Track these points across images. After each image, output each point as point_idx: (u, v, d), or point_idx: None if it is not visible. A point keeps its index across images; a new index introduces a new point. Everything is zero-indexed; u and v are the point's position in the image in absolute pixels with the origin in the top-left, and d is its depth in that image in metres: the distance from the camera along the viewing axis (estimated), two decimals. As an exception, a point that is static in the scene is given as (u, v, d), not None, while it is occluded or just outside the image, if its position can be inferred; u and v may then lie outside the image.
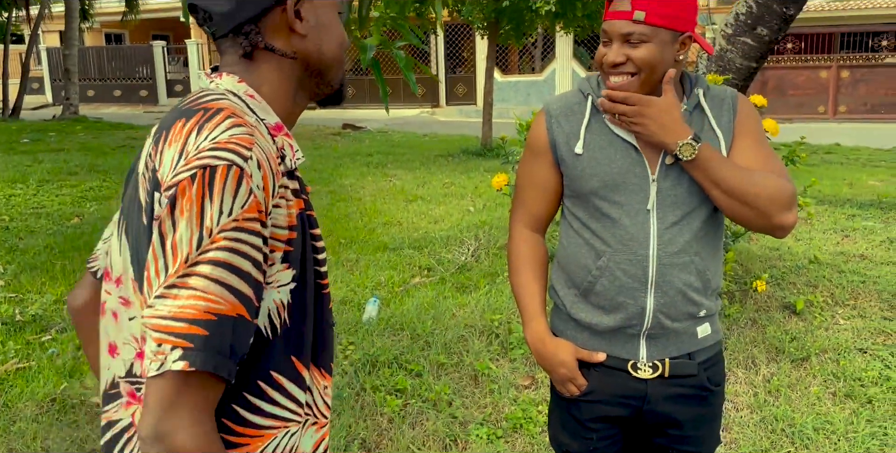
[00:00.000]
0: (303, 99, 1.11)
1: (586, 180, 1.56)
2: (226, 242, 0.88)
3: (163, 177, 0.92)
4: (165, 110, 22.28)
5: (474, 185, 7.42)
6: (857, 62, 18.79)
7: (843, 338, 3.74)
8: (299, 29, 1.04)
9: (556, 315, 1.70)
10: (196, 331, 0.86)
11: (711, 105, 1.58)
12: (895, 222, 5.64)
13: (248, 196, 0.90)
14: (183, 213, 0.88)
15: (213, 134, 0.92)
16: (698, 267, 1.55)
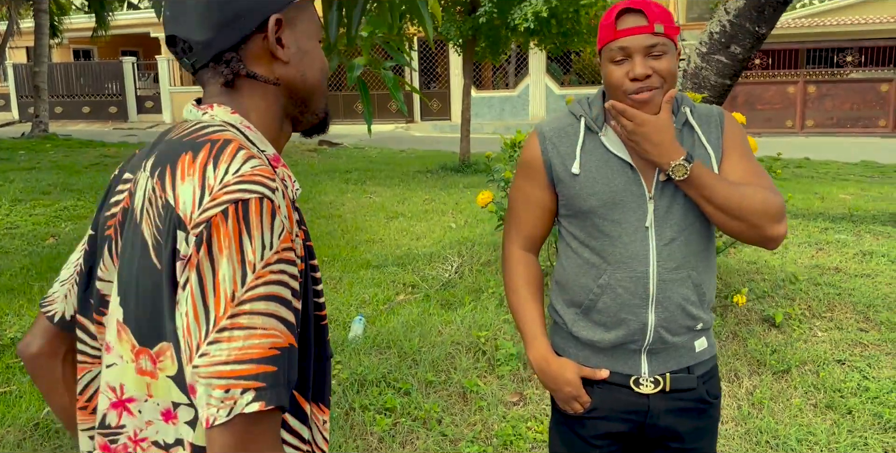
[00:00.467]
0: (288, 127, 1.10)
1: (584, 199, 1.58)
2: (272, 276, 0.87)
3: (185, 214, 0.89)
4: (136, 127, 22.24)
5: (455, 202, 7.45)
6: (823, 77, 19.24)
7: (822, 350, 3.81)
8: (281, 55, 1.03)
9: (557, 333, 1.72)
10: (266, 370, 0.85)
11: (700, 122, 1.63)
12: (867, 235, 5.77)
13: (281, 227, 0.89)
14: (222, 251, 0.86)
15: (232, 166, 0.90)
16: (695, 281, 1.59)
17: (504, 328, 3.98)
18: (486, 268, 4.97)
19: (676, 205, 1.57)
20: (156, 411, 0.96)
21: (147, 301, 0.94)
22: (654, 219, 1.56)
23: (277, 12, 1.01)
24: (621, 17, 1.53)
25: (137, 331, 0.96)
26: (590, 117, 1.62)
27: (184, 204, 0.89)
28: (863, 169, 9.99)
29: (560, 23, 9.09)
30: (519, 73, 21.59)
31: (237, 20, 0.99)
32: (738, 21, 4.68)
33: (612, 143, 1.59)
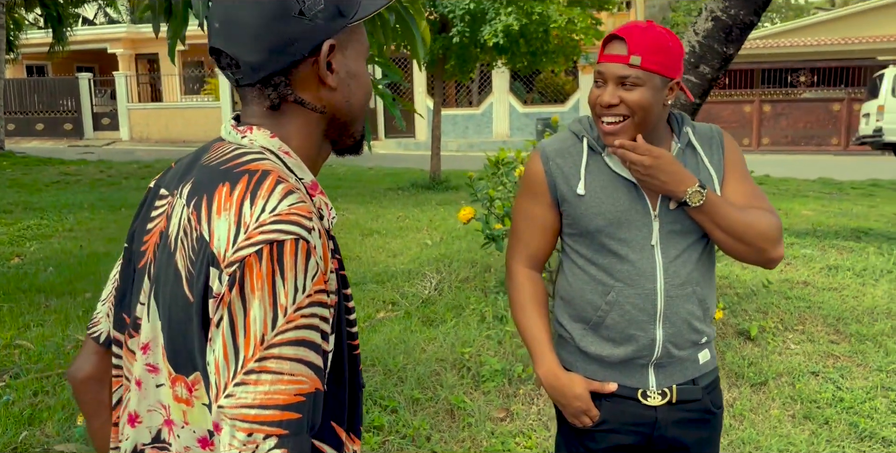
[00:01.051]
0: (327, 150, 1.08)
1: (591, 219, 1.62)
2: (303, 320, 0.86)
3: (219, 251, 0.88)
4: (92, 144, 21.82)
5: (428, 219, 7.47)
6: (778, 97, 19.82)
7: (796, 362, 3.91)
8: (331, 82, 1.00)
9: (563, 347, 1.74)
10: (290, 417, 0.84)
11: (701, 143, 1.68)
12: (831, 250, 5.94)
13: (315, 269, 0.88)
14: (254, 292, 0.85)
15: (269, 203, 0.88)
16: (699, 296, 1.64)
17: (487, 344, 4.00)
18: (466, 284, 4.99)
19: (680, 224, 1.61)
20: (192, 438, 0.96)
21: (180, 331, 0.94)
22: (660, 236, 1.60)
23: (331, 37, 0.99)
24: (609, 42, 1.58)
25: (173, 359, 0.96)
26: (591, 137, 1.65)
27: (218, 240, 0.88)
28: (821, 185, 10.31)
29: (529, 42, 9.24)
30: (482, 91, 21.80)
31: (291, 44, 0.97)
32: (706, 42, 4.81)
33: (615, 163, 1.63)
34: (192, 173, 1.00)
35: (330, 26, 0.98)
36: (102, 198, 9.19)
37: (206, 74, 24.70)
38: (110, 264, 5.70)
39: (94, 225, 7.49)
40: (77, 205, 8.63)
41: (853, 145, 18.66)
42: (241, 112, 1.06)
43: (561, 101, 21.50)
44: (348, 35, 1.02)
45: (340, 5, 0.99)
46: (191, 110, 23.23)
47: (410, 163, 11.59)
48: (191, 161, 1.05)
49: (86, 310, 4.60)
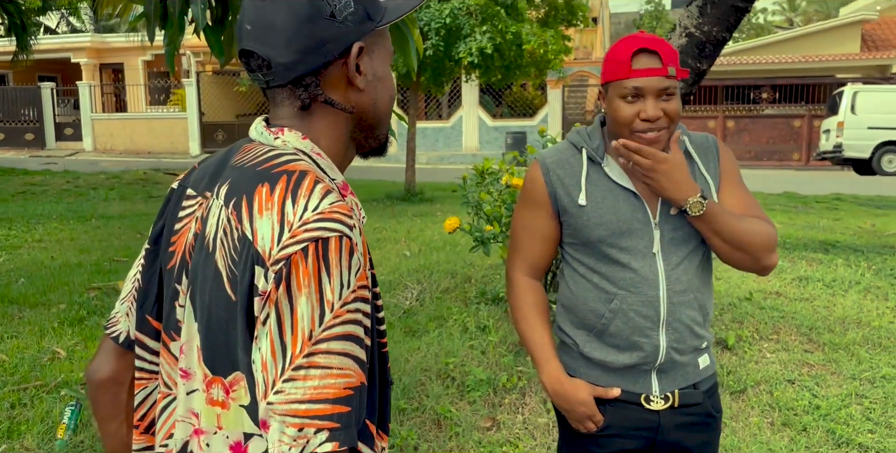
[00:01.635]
0: (352, 152, 1.10)
1: (593, 229, 1.64)
2: (349, 315, 0.87)
3: (264, 250, 0.89)
4: (54, 154, 21.44)
5: (406, 230, 7.49)
6: (741, 113, 20.26)
7: (773, 371, 3.99)
8: (359, 83, 1.02)
9: (566, 353, 1.76)
10: (340, 410, 0.85)
11: (698, 151, 1.71)
12: (801, 261, 6.08)
13: (358, 265, 0.90)
14: (301, 289, 0.86)
15: (311, 202, 0.90)
16: (700, 302, 1.67)
17: (471, 354, 4.02)
18: (447, 295, 5.01)
19: (680, 231, 1.64)
20: (224, 445, 0.95)
21: (221, 331, 0.94)
22: (661, 244, 1.63)
23: (360, 40, 1.01)
24: (637, 56, 1.55)
25: (210, 360, 0.96)
26: (591, 148, 1.67)
27: (262, 239, 0.89)
28: (786, 199, 10.55)
29: (503, 57, 9.35)
30: (452, 104, 21.92)
31: (322, 46, 0.99)
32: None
33: (615, 173, 1.65)
34: (224, 174, 1.01)
35: (359, 29, 1.01)
36: (71, 209, 9.03)
37: (172, 85, 24.45)
38: (83, 275, 5.60)
39: (64, 235, 7.36)
40: (45, 215, 8.47)
41: (814, 160, 19.15)
42: (270, 114, 1.07)
43: (530, 115, 21.71)
44: (375, 38, 1.04)
45: (369, 9, 1.01)
46: (156, 121, 22.96)
47: (382, 175, 11.59)
48: (219, 162, 1.05)
49: (61, 322, 4.51)
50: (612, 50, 1.62)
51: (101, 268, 5.90)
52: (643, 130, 1.58)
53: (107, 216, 8.54)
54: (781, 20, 43.67)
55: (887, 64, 20.39)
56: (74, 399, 3.45)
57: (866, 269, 5.85)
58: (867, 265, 5.97)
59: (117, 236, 7.38)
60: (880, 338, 4.38)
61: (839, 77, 20.26)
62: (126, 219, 8.44)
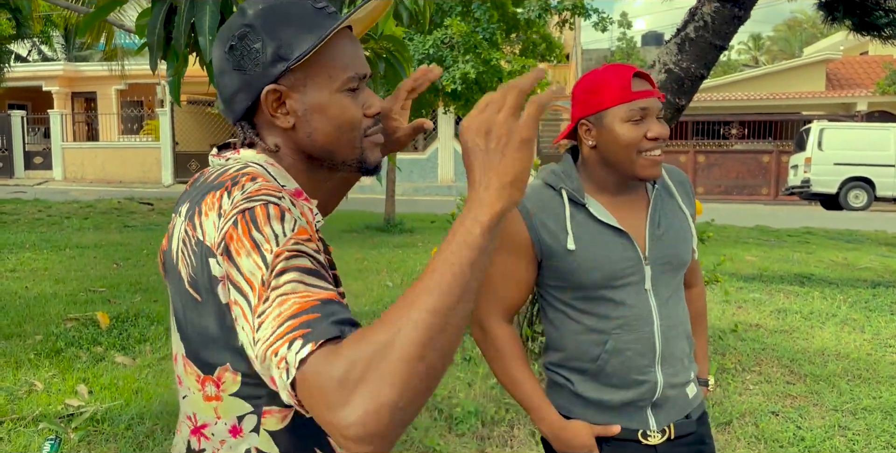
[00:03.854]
0: (324, 175, 1.12)
1: (586, 273, 1.59)
2: (289, 253, 0.87)
3: (212, 242, 0.93)
4: (23, 183, 21.07)
5: (387, 261, 7.47)
6: (711, 148, 20.67)
7: (756, 402, 4.02)
8: (281, 123, 1.05)
9: (558, 393, 1.71)
10: (307, 318, 0.81)
11: (675, 183, 1.72)
12: (778, 294, 6.17)
13: (293, 222, 0.91)
14: (240, 253, 0.88)
15: (243, 189, 0.95)
16: (686, 333, 1.68)
17: (458, 386, 4.00)
18: (431, 326, 4.99)
19: (668, 264, 1.64)
20: (225, 430, 1.02)
21: (198, 333, 0.99)
22: (652, 280, 1.62)
23: (276, 81, 1.03)
24: (635, 79, 1.57)
25: (198, 362, 1.01)
26: (571, 188, 1.63)
27: (209, 234, 0.94)
28: (759, 233, 10.73)
29: (483, 89, 9.48)
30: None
31: (235, 96, 1.06)
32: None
33: (599, 212, 1.62)
34: (188, 195, 1.06)
35: (268, 73, 1.03)
36: (45, 239, 8.86)
37: (145, 114, 24.31)
38: (59, 305, 5.49)
39: (39, 265, 7.22)
40: (18, 244, 8.30)
41: (783, 195, 19.53)
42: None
43: (504, 147, 21.84)
44: (303, 72, 1.04)
45: (280, 50, 1.02)
46: (129, 150, 22.76)
47: (358, 205, 11.57)
48: (188, 189, 1.11)
49: (37, 353, 4.41)
50: (596, 81, 1.61)
51: (77, 298, 5.79)
52: (651, 149, 1.57)
53: (81, 245, 8.40)
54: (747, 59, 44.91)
55: (851, 101, 21.01)
56: (54, 432, 3.36)
57: (842, 302, 5.95)
58: (842, 298, 6.08)
59: (93, 266, 7.25)
60: (859, 369, 4.44)
61: (805, 114, 20.81)
62: (101, 248, 8.30)
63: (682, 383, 1.67)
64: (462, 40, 9.09)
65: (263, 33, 1.03)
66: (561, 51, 12.07)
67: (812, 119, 18.98)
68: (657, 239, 1.63)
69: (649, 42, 35.92)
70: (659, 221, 1.66)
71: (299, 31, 1.03)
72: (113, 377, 4.04)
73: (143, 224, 10.56)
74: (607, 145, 1.60)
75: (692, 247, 1.70)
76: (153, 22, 2.45)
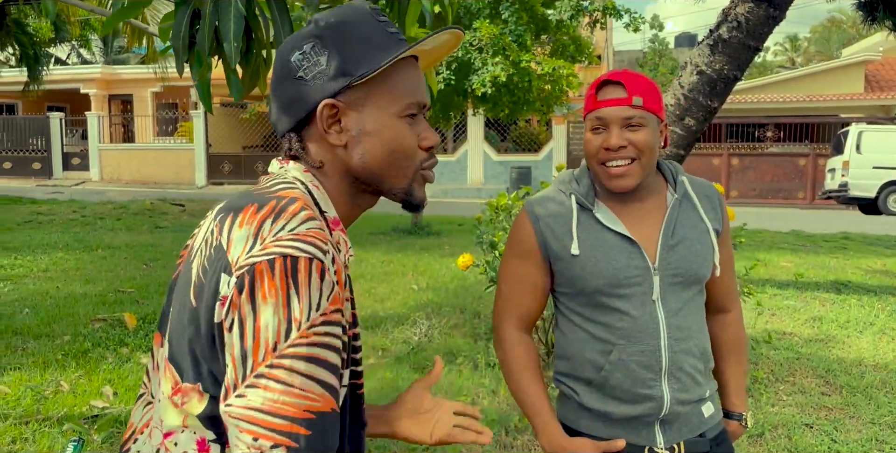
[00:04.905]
0: (365, 200, 1.09)
1: (589, 279, 1.56)
2: (316, 338, 0.86)
3: (233, 259, 0.89)
4: (61, 184, 21.50)
5: (413, 263, 7.44)
6: (745, 151, 20.34)
7: (790, 414, 3.90)
8: (333, 140, 1.03)
9: (565, 404, 1.67)
10: (298, 431, 0.83)
11: (698, 195, 1.66)
12: (814, 301, 6.02)
13: (331, 289, 0.89)
14: (266, 300, 0.85)
15: (290, 224, 0.90)
16: (700, 349, 1.60)
17: (482, 393, 3.94)
18: (456, 331, 4.95)
19: (681, 276, 1.57)
20: (192, 441, 0.96)
21: (181, 337, 0.95)
22: (661, 290, 1.56)
23: (334, 97, 1.01)
24: (602, 88, 1.55)
25: (178, 368, 0.97)
26: (579, 193, 1.61)
27: (234, 249, 0.90)
28: (794, 238, 10.50)
29: (512, 92, 9.42)
30: (457, 138, 22.05)
31: (291, 105, 1.03)
32: (691, 95, 4.94)
33: (606, 219, 1.58)
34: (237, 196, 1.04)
35: (329, 87, 1.01)
36: (77, 239, 9.00)
37: (180, 116, 24.64)
38: (88, 306, 5.55)
39: (70, 265, 7.32)
40: (51, 245, 8.44)
41: (819, 199, 19.13)
42: None
43: (534, 150, 21.81)
44: (365, 91, 1.02)
45: (345, 66, 1.01)
46: (163, 152, 23.09)
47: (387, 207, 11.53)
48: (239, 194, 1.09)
49: (65, 353, 4.45)
50: (589, 86, 1.62)
51: (106, 299, 5.85)
52: (607, 160, 1.54)
53: (113, 246, 8.50)
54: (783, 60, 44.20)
55: (891, 104, 20.53)
56: (77, 433, 3.38)
57: (880, 310, 5.79)
58: (881, 306, 5.91)
59: (123, 267, 7.33)
60: (899, 381, 4.30)
61: (843, 116, 20.38)
62: (132, 249, 8.40)
63: (694, 400, 1.60)
64: (491, 42, 9.05)
65: (331, 46, 1.01)
66: (591, 52, 11.95)
67: (850, 121, 18.58)
68: (669, 248, 1.57)
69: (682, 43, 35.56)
70: (674, 231, 1.60)
71: (368, 50, 1.01)
72: (138, 378, 4.06)
73: (174, 225, 10.67)
74: (584, 152, 1.62)
75: (713, 263, 1.63)
76: (177, 26, 2.43)
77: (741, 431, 1.77)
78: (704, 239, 1.61)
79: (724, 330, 1.75)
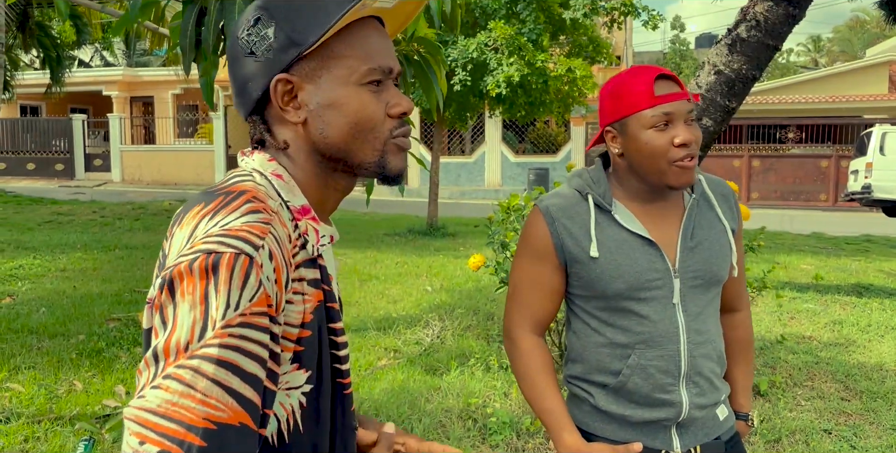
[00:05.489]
0: (340, 181, 1.01)
1: (608, 283, 1.51)
2: (230, 340, 0.77)
3: (169, 262, 0.84)
4: (83, 185, 21.79)
5: (428, 265, 7.41)
6: (766, 152, 20.12)
7: (808, 419, 3.83)
8: (290, 117, 0.95)
9: (579, 407, 1.63)
10: (192, 440, 0.74)
11: (715, 194, 1.61)
12: (834, 305, 5.92)
13: (257, 288, 0.80)
14: (184, 297, 0.78)
15: (225, 220, 0.83)
16: (717, 352, 1.57)
17: (494, 395, 3.91)
18: (468, 332, 4.91)
19: (701, 279, 1.53)
20: None
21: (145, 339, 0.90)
22: (681, 294, 1.52)
23: (287, 70, 0.94)
24: (658, 83, 1.47)
25: None
26: (598, 193, 1.55)
27: (171, 254, 0.85)
28: (816, 240, 10.36)
29: (528, 93, 9.37)
30: (475, 140, 22.01)
31: (246, 85, 0.96)
32: (709, 95, 4.87)
33: (626, 220, 1.53)
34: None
35: (279, 60, 0.93)
36: (96, 239, 9.08)
37: (200, 118, 24.84)
38: (104, 305, 5.59)
39: (88, 265, 7.38)
40: (70, 245, 8.52)
41: (842, 201, 18.86)
42: None
43: (553, 151, 21.72)
44: (319, 61, 0.94)
45: (294, 35, 0.93)
46: (184, 153, 23.28)
47: (404, 209, 11.55)
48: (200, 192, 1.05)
49: (79, 353, 4.47)
50: (619, 85, 1.53)
51: (121, 298, 5.88)
52: (682, 158, 1.46)
53: (130, 246, 8.57)
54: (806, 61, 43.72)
55: (916, 105, 20.20)
56: (88, 433, 3.38)
57: (902, 314, 5.67)
58: (903, 310, 5.79)
59: (139, 267, 7.38)
60: (921, 386, 4.21)
61: (866, 117, 20.08)
62: (150, 249, 8.46)
63: (711, 404, 1.57)
64: (506, 42, 9.00)
65: (278, 16, 0.93)
66: (609, 52, 11.86)
67: (874, 122, 18.30)
68: (689, 251, 1.53)
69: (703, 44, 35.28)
70: (693, 233, 1.56)
71: (316, 16, 0.93)
72: (150, 378, 4.06)
73: (192, 225, 10.74)
74: (633, 154, 1.51)
75: (731, 263, 1.58)
76: (185, 24, 2.43)
77: (748, 431, 1.75)
78: (723, 239, 1.57)
79: (735, 330, 1.70)
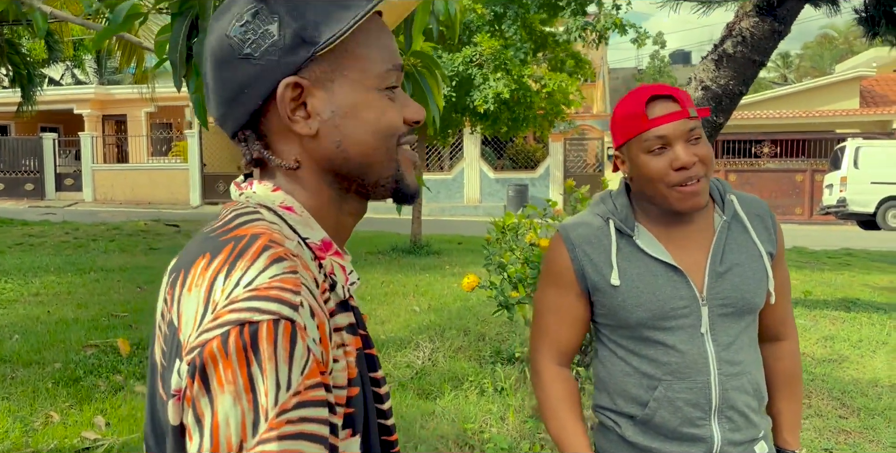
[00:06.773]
0: (354, 204, 0.87)
1: (631, 311, 1.45)
2: (289, 428, 0.66)
3: (185, 338, 0.70)
4: (53, 205, 21.35)
5: (414, 284, 7.30)
6: (742, 167, 20.34)
7: (808, 438, 3.77)
8: (300, 129, 0.80)
9: (605, 436, 1.55)
10: None
11: (749, 216, 1.53)
12: (823, 320, 5.90)
13: (306, 357, 0.69)
14: (223, 387, 0.66)
15: (247, 276, 0.70)
16: (753, 385, 1.48)
17: (490, 419, 3.80)
18: (460, 354, 4.80)
19: (731, 306, 1.45)
20: None
21: (154, 432, 0.79)
22: (710, 323, 1.44)
23: (293, 74, 0.79)
24: (651, 104, 1.41)
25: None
26: (619, 218, 1.49)
27: (185, 324, 0.71)
28: (797, 254, 10.39)
29: (511, 109, 9.35)
30: (454, 156, 22.00)
31: (241, 94, 0.81)
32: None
33: (648, 245, 1.47)
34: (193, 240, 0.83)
35: (288, 62, 0.79)
36: (70, 261, 8.84)
37: (174, 136, 24.56)
38: (80, 331, 5.39)
39: (62, 289, 7.16)
40: (42, 268, 8.27)
41: (818, 215, 19.09)
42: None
43: (531, 167, 21.76)
44: (332, 63, 0.81)
45: (304, 32, 0.79)
46: (158, 172, 22.98)
47: (383, 226, 11.41)
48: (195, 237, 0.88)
49: (55, 382, 4.29)
50: (620, 108, 1.46)
51: (98, 324, 5.69)
52: (681, 182, 1.40)
53: (106, 268, 8.34)
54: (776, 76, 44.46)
55: (887, 119, 20.55)
56: (67, 468, 3.22)
57: (892, 328, 5.67)
58: (893, 324, 5.79)
59: (116, 290, 7.18)
60: (918, 403, 4.17)
61: (839, 132, 20.39)
62: (126, 271, 8.24)
63: (748, 440, 1.47)
64: (492, 57, 8.97)
65: (281, 10, 0.79)
66: (590, 68, 11.93)
67: (846, 137, 18.58)
68: (718, 277, 1.45)
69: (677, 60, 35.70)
70: (723, 257, 1.47)
71: (328, 9, 0.79)
72: (131, 408, 3.90)
73: (169, 246, 10.51)
74: (637, 179, 1.48)
75: (767, 290, 1.49)
76: (174, 38, 2.32)
77: None
78: (757, 264, 1.49)
79: (779, 361, 1.60)
